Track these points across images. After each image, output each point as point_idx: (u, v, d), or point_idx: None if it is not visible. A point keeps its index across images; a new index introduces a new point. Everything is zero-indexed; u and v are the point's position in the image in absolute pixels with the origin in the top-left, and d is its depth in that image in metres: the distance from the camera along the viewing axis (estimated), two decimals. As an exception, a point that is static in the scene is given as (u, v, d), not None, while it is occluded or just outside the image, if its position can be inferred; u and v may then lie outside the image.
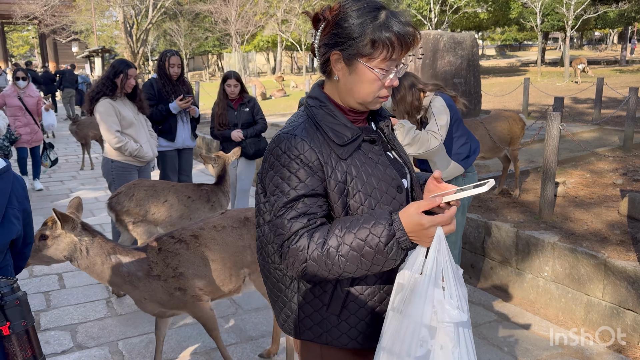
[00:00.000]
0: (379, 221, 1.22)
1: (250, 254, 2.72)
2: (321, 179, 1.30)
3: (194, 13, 31.64)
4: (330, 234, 1.24)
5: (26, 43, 59.23)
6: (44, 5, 26.18)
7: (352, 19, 1.29)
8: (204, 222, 2.76)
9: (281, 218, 1.29)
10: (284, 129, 1.38)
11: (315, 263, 1.23)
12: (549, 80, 18.94)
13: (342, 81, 1.35)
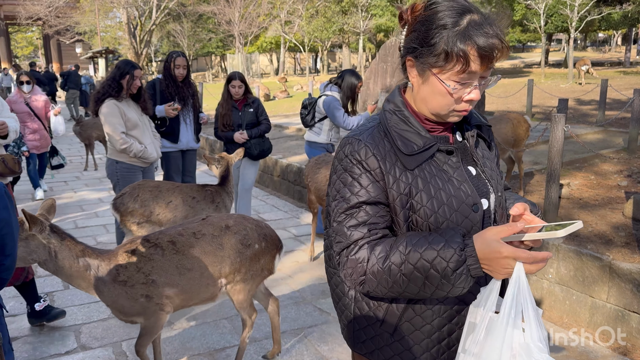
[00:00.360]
0: (450, 244, 1.11)
1: (230, 264, 2.61)
2: (383, 188, 1.23)
3: (197, 14, 31.71)
4: (394, 249, 1.16)
5: (30, 44, 59.46)
6: (48, 6, 26.27)
7: (428, 24, 1.17)
8: (183, 228, 2.64)
9: (341, 225, 1.23)
10: (353, 131, 1.31)
11: (375, 278, 1.16)
12: (552, 82, 18.90)
13: (416, 89, 1.26)
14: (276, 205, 6.60)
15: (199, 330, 3.36)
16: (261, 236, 2.72)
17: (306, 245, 5.00)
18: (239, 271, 2.63)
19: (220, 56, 41.24)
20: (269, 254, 2.74)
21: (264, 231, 2.75)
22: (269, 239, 2.76)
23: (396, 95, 1.33)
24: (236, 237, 2.63)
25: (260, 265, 2.71)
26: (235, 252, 2.61)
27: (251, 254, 2.66)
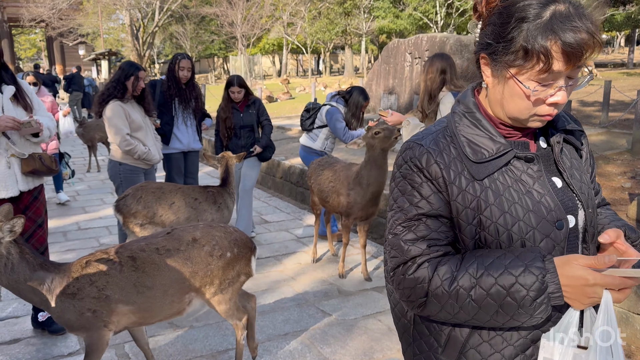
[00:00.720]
0: (530, 269, 0.98)
1: (201, 278, 2.50)
2: (446, 200, 1.10)
3: (200, 16, 31.79)
4: (462, 271, 1.03)
5: (33, 46, 59.69)
6: (52, 8, 26.39)
7: (505, 16, 1.03)
8: (146, 243, 2.50)
9: (397, 238, 1.11)
10: (416, 135, 1.20)
11: (438, 302, 1.04)
12: (555, 83, 18.82)
13: (491, 90, 1.12)
14: (279, 206, 6.59)
15: (202, 332, 3.36)
16: (232, 243, 2.62)
17: (309, 247, 5.00)
18: (212, 283, 2.54)
19: (223, 58, 41.31)
20: (243, 259, 2.66)
21: (234, 237, 2.66)
22: (240, 243, 2.66)
23: (468, 96, 1.19)
24: (205, 249, 2.52)
25: (236, 271, 2.63)
26: (205, 265, 2.51)
27: (224, 264, 2.56)
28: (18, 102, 2.99)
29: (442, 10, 21.38)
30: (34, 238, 3.14)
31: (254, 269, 2.75)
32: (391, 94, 10.91)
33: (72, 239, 5.24)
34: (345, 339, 3.26)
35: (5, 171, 2.89)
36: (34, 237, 3.14)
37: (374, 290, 3.99)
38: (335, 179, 4.16)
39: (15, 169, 2.93)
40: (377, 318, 3.53)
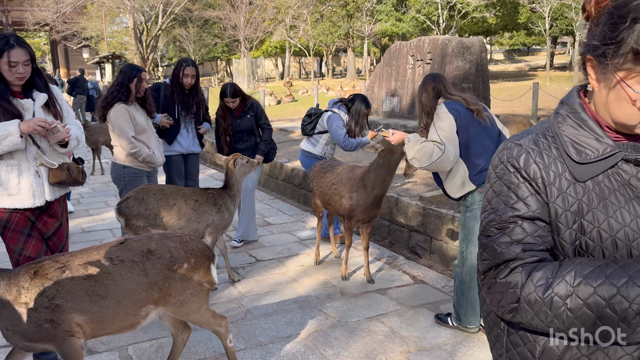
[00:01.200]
0: (635, 281, 0.91)
1: (158, 291, 2.42)
2: (545, 202, 1.06)
3: (203, 19, 31.89)
4: (558, 278, 0.98)
5: (37, 49, 60.00)
6: (56, 12, 26.53)
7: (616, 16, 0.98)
8: (99, 252, 2.42)
9: (490, 240, 1.08)
10: (514, 136, 1.15)
11: (530, 309, 1.00)
12: (558, 85, 18.84)
13: (597, 94, 1.07)
14: (281, 209, 6.61)
15: (205, 334, 3.37)
16: (188, 253, 2.54)
17: (311, 249, 5.01)
18: (173, 295, 2.48)
19: (226, 61, 41.42)
20: (201, 268, 2.58)
21: (190, 246, 2.58)
22: (197, 252, 2.58)
23: (573, 97, 1.14)
24: (161, 262, 2.45)
25: (196, 281, 2.55)
26: (162, 278, 2.44)
27: (181, 275, 2.49)
28: (49, 109, 2.92)
29: (445, 12, 21.40)
30: (62, 242, 3.12)
31: (215, 277, 2.66)
32: (393, 97, 10.92)
33: (76, 242, 5.27)
34: (348, 341, 3.26)
35: (34, 180, 2.84)
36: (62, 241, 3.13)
37: (377, 293, 3.99)
38: (337, 181, 4.16)
39: (43, 178, 2.88)
40: (380, 320, 3.53)
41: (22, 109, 2.79)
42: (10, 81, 2.74)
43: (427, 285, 4.11)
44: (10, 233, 2.85)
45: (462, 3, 21.13)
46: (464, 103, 3.06)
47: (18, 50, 2.68)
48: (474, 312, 3.25)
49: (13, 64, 2.67)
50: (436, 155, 2.90)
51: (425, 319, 3.53)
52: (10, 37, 2.72)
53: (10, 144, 2.67)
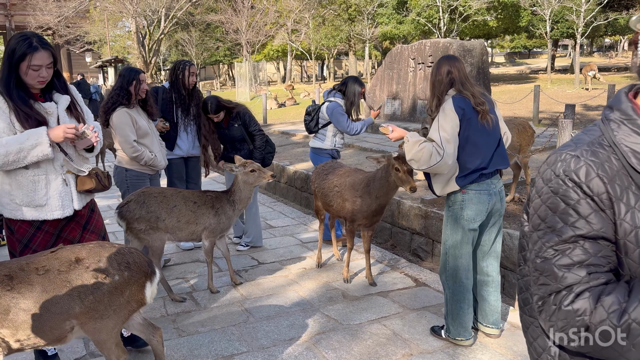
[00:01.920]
0: None
1: (81, 303, 2.26)
2: (610, 220, 0.97)
3: (205, 23, 32.00)
4: (634, 302, 0.90)
5: (40, 54, 60.18)
6: (59, 16, 26.64)
7: None
8: (27, 261, 2.30)
9: (548, 263, 1.00)
10: (565, 145, 1.07)
11: (603, 338, 0.93)
12: (559, 88, 18.83)
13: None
14: (283, 211, 6.62)
15: (207, 337, 3.38)
16: (122, 265, 2.36)
17: (313, 251, 5.01)
18: (96, 309, 2.29)
19: (228, 64, 41.52)
20: (135, 284, 2.38)
21: (126, 259, 2.39)
22: (132, 266, 2.39)
23: (623, 101, 1.06)
24: (89, 271, 2.29)
25: (125, 297, 2.36)
26: (87, 289, 2.27)
27: (110, 288, 2.30)
28: (71, 112, 2.72)
29: (446, 16, 21.44)
30: None
31: (148, 297, 2.45)
32: (395, 99, 10.93)
33: (79, 245, 5.28)
34: (350, 344, 3.27)
35: (61, 189, 2.66)
36: None
37: (379, 295, 3.99)
38: (340, 183, 4.17)
39: (71, 186, 2.71)
40: (382, 323, 3.53)
41: (45, 114, 2.60)
42: (30, 85, 2.56)
43: (429, 288, 4.11)
44: (30, 253, 2.59)
45: (463, 6, 21.16)
46: (472, 101, 2.96)
47: (42, 53, 2.48)
48: (460, 322, 3.13)
49: (35, 68, 2.49)
50: (434, 160, 2.86)
51: (427, 321, 3.53)
52: (33, 38, 2.50)
53: (40, 154, 2.49)
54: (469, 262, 3.12)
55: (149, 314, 3.70)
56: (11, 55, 2.48)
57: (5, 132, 2.49)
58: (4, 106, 2.51)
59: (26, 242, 2.65)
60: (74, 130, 2.53)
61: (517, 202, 5.06)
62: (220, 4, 30.71)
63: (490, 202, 3.04)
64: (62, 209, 2.66)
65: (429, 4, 21.19)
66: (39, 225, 2.65)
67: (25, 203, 2.59)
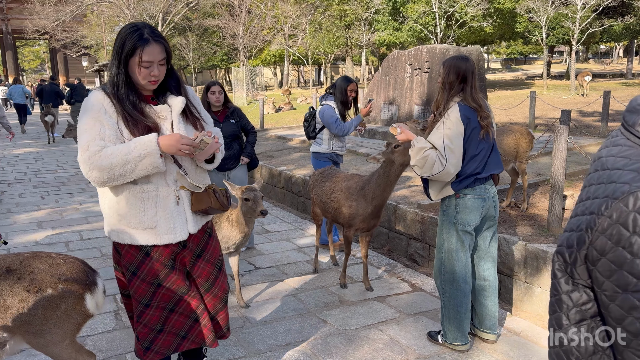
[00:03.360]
0: None
1: (12, 317, 2.15)
2: None
3: (202, 28, 32.04)
4: None
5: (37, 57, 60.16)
6: (56, 20, 26.62)
7: None
8: None
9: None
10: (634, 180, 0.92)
11: None
12: (555, 94, 18.93)
13: None
14: (280, 216, 6.61)
15: (204, 342, 3.36)
16: (56, 277, 2.23)
17: (310, 256, 5.01)
18: (30, 323, 2.17)
19: (225, 69, 41.56)
20: (71, 297, 2.25)
21: (60, 270, 2.26)
22: (68, 278, 2.26)
23: None
24: (20, 283, 2.16)
25: (62, 311, 2.22)
26: (19, 302, 2.15)
27: (44, 302, 2.18)
28: (187, 118, 2.27)
29: (442, 22, 21.55)
30: (216, 286, 2.47)
31: (91, 309, 2.33)
32: (392, 105, 10.97)
33: (75, 249, 5.26)
34: (347, 349, 3.26)
35: (173, 209, 2.21)
36: (216, 285, 2.47)
37: (376, 300, 3.99)
38: (337, 189, 4.17)
39: (185, 205, 2.26)
40: (378, 328, 3.53)
41: (157, 118, 2.19)
42: (141, 85, 2.15)
43: (426, 293, 4.11)
44: (138, 282, 2.27)
45: (459, 12, 21.29)
46: (478, 115, 2.94)
47: (153, 47, 2.06)
48: (457, 327, 3.13)
49: (146, 64, 2.07)
50: (437, 169, 2.87)
51: (424, 327, 3.53)
52: (144, 29, 2.08)
53: (149, 166, 2.06)
54: (466, 267, 3.11)
55: (144, 319, 3.69)
56: (120, 49, 2.08)
57: (112, 140, 2.07)
58: (111, 109, 2.11)
59: (134, 269, 2.26)
60: (190, 141, 2.10)
61: (513, 207, 5.07)
62: (217, 9, 30.77)
63: (484, 206, 3.06)
64: (173, 232, 2.22)
65: (425, 11, 21.31)
66: (148, 250, 2.24)
67: (133, 224, 2.19)
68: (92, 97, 2.14)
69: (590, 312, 1.03)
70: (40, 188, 8.42)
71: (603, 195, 0.95)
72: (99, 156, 2.02)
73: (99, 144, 2.05)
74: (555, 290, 1.09)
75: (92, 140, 2.05)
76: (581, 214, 1.01)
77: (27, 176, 9.41)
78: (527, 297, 3.89)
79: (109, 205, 2.24)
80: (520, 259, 3.92)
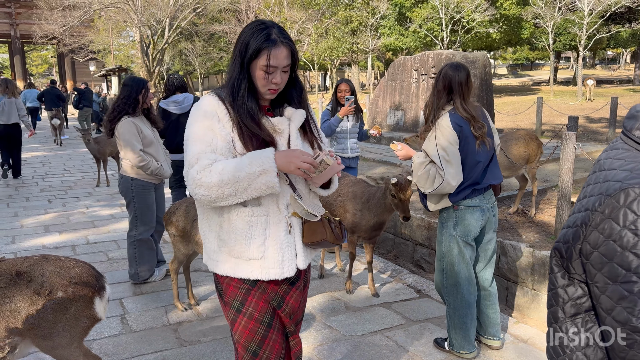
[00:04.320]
0: None
1: (23, 321, 2.16)
2: None
3: (209, 33, 32.23)
4: None
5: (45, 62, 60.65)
6: (63, 25, 26.85)
7: None
8: None
9: None
10: (630, 178, 0.97)
11: None
12: (561, 100, 18.87)
13: None
14: (286, 222, 6.61)
15: (209, 347, 3.36)
16: (66, 280, 2.24)
17: (316, 262, 5.00)
18: (40, 326, 2.18)
19: (231, 74, 41.72)
20: (81, 300, 2.26)
21: (71, 273, 2.27)
22: (79, 281, 2.27)
23: None
24: (30, 286, 2.17)
25: (71, 314, 2.24)
26: (29, 305, 2.16)
27: (54, 305, 2.19)
28: (305, 134, 1.94)
29: (448, 28, 21.57)
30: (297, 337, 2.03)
31: (99, 313, 2.34)
32: (397, 110, 10.97)
33: (81, 253, 5.28)
34: (353, 355, 3.24)
35: (283, 238, 1.83)
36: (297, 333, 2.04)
37: (382, 307, 3.97)
38: (343, 193, 4.18)
39: (296, 235, 1.88)
40: (384, 334, 3.51)
41: (273, 132, 1.85)
42: (261, 93, 1.83)
43: (432, 300, 4.09)
44: (244, 321, 1.86)
45: (465, 19, 21.30)
46: (470, 125, 2.85)
47: (281, 50, 1.75)
48: (464, 336, 3.10)
49: (270, 69, 1.76)
50: (437, 183, 2.82)
51: (430, 333, 3.51)
52: (272, 28, 1.77)
53: (264, 186, 1.71)
54: (469, 277, 3.07)
55: (151, 323, 3.69)
56: (244, 50, 1.77)
57: (224, 153, 1.77)
58: (226, 118, 1.79)
59: (238, 305, 1.87)
60: (311, 159, 1.73)
61: (520, 214, 5.04)
62: (224, 14, 30.93)
63: (483, 217, 3.00)
64: (281, 265, 1.83)
65: (430, 17, 21.34)
66: (251, 284, 1.86)
67: (236, 253, 1.82)
68: (206, 102, 1.83)
69: (585, 306, 1.06)
70: (48, 192, 8.47)
71: (597, 193, 1.00)
72: (209, 171, 1.71)
73: (210, 157, 1.74)
74: (552, 285, 1.14)
75: (203, 152, 1.74)
76: (577, 212, 1.05)
77: (34, 180, 9.46)
78: (534, 304, 3.86)
79: (210, 227, 1.90)
80: (527, 265, 3.90)
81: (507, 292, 4.10)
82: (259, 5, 30.36)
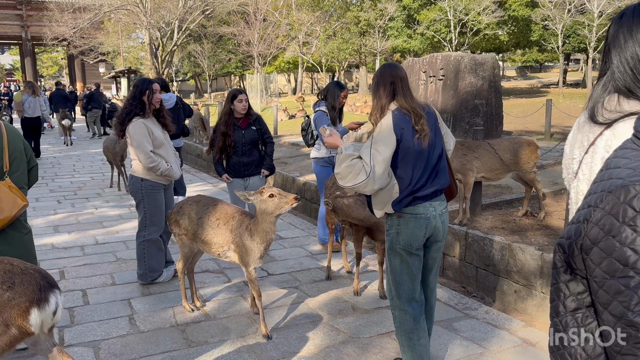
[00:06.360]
0: None
1: None
2: None
3: (217, 35, 32.40)
4: None
5: (55, 64, 61.22)
6: (74, 27, 27.09)
7: None
8: None
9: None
10: (634, 175, 0.97)
11: None
12: (571, 102, 18.74)
13: None
14: (293, 223, 6.61)
15: (217, 348, 3.37)
16: (6, 284, 2.12)
17: (323, 263, 4.99)
18: None
19: (239, 76, 41.91)
20: (15, 308, 2.10)
21: (14, 279, 2.15)
22: (18, 288, 2.13)
23: None
24: None
25: (2, 320, 2.10)
26: None
27: None
28: None
29: (456, 30, 21.50)
30: None
31: (32, 327, 2.15)
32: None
33: (90, 254, 5.32)
34: (360, 357, 3.23)
35: None
36: None
37: (389, 309, 3.96)
38: (346, 196, 4.18)
39: None
40: (392, 337, 3.50)
41: None
42: None
43: (440, 302, 4.07)
44: None
45: (473, 21, 21.22)
46: (412, 120, 2.63)
47: None
48: (412, 356, 2.80)
49: None
50: (360, 178, 2.54)
51: (438, 336, 3.49)
52: None
53: None
54: (412, 290, 2.80)
55: (159, 323, 3.71)
56: None
57: None
58: None
59: None
60: None
61: (529, 216, 5.01)
62: (232, 16, 31.06)
63: (428, 226, 2.72)
64: None
65: (437, 18, 21.28)
66: None
67: None
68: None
69: (586, 302, 1.08)
70: (57, 192, 8.54)
71: (600, 190, 1.03)
72: None
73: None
74: (555, 279, 1.16)
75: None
76: (581, 209, 1.08)
77: (44, 180, 9.54)
78: (543, 308, 3.83)
79: None
80: (536, 268, 3.87)
81: (515, 296, 4.07)
82: (268, 8, 30.46)
